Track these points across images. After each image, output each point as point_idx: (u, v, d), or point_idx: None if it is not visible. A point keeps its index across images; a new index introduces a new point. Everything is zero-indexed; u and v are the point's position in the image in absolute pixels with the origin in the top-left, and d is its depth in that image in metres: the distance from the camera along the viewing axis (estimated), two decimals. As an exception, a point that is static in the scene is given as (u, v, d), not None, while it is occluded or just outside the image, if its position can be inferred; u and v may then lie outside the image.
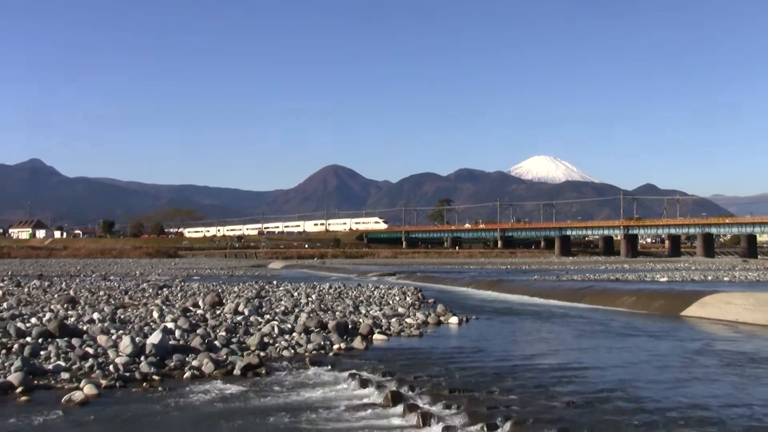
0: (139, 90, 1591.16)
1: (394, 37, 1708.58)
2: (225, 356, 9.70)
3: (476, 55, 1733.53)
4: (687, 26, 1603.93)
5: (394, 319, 14.86)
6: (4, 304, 16.89)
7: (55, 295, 20.56)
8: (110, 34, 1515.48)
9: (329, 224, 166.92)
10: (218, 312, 15.49)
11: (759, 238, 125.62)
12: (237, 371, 8.93)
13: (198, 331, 11.54)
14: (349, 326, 12.89)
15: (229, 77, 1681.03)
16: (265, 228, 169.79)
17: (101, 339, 10.48)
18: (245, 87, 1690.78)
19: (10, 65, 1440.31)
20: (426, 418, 6.51)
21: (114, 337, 10.74)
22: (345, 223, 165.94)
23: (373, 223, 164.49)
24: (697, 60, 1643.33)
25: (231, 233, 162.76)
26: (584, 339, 12.78)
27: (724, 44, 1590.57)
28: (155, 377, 8.51)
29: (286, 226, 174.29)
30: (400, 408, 7.01)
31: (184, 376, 8.71)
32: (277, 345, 10.95)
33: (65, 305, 16.72)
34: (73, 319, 13.79)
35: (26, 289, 23.92)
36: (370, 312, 16.32)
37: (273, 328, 12.33)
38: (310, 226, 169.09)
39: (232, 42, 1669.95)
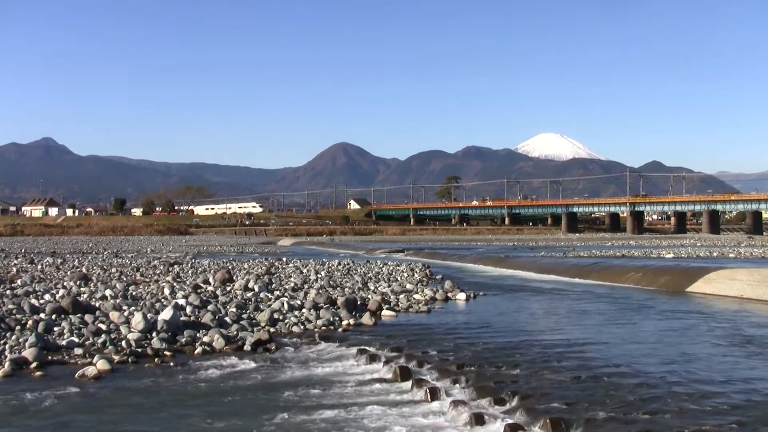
0: (149, 70, 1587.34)
1: (404, 17, 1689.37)
2: (235, 332, 9.83)
3: (483, 33, 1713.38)
4: (693, 6, 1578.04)
5: (402, 296, 14.95)
6: (18, 281, 17.10)
7: (68, 272, 20.76)
8: (122, 21, 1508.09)
9: (228, 208, 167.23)
10: (229, 288, 15.63)
11: (764, 215, 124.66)
12: (247, 347, 9.05)
13: (209, 308, 11.66)
14: (358, 302, 12.98)
15: (238, 55, 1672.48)
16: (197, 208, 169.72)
17: (113, 315, 10.61)
18: (254, 64, 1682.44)
19: (24, 44, 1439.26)
20: (434, 393, 6.59)
21: (126, 313, 10.87)
22: (230, 207, 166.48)
23: (251, 207, 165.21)
24: (703, 38, 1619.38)
25: (218, 211, 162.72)
26: (591, 315, 12.84)
27: (728, 22, 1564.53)
28: (167, 353, 8.65)
29: (208, 208, 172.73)
30: (408, 383, 7.09)
31: (195, 351, 8.84)
32: (286, 321, 11.08)
33: (78, 282, 16.90)
34: (85, 295, 13.96)
35: (40, 266, 24.16)
36: (379, 288, 16.42)
37: (283, 304, 12.43)
38: (201, 210, 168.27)
39: (242, 20, 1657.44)
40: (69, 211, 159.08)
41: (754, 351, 9.01)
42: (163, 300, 13.25)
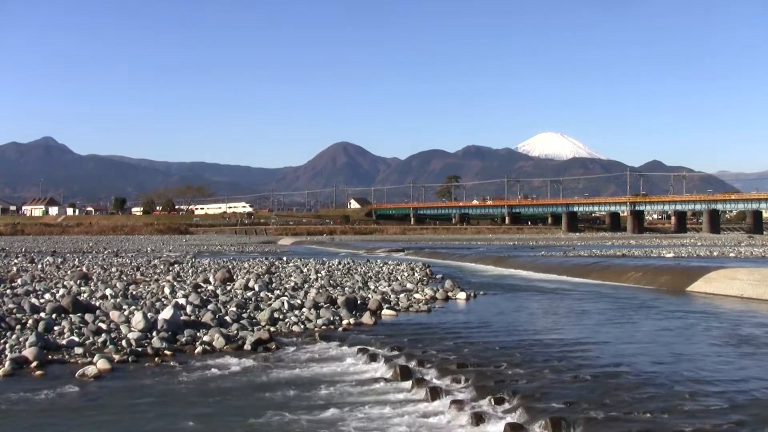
0: (149, 70, 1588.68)
1: (404, 17, 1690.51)
2: (236, 331, 9.83)
3: (483, 33, 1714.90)
4: (693, 6, 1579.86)
5: (402, 295, 14.95)
6: (19, 281, 17.11)
7: (69, 272, 20.76)
8: (122, 21, 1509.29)
9: (218, 208, 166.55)
10: (229, 288, 15.64)
11: (765, 214, 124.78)
12: (247, 346, 9.06)
13: (209, 307, 11.68)
14: (358, 302, 12.99)
15: (238, 55, 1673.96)
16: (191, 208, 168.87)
17: (114, 314, 10.61)
18: (254, 64, 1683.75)
19: (24, 44, 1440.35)
20: (434, 393, 6.60)
21: (126, 312, 10.88)
22: (220, 207, 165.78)
23: (241, 207, 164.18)
24: (703, 38, 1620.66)
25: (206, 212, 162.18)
26: (591, 314, 12.84)
27: (728, 22, 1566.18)
28: (167, 352, 8.65)
29: (198, 208, 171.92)
30: (408, 383, 7.10)
31: (196, 350, 8.85)
32: (287, 320, 11.08)
33: (78, 281, 16.90)
34: (86, 295, 13.96)
35: (40, 266, 24.17)
36: (379, 288, 16.42)
37: (283, 303, 12.44)
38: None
39: (242, 20, 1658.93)
40: (69, 211, 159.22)
41: (753, 351, 9.01)
42: (163, 299, 13.25)
